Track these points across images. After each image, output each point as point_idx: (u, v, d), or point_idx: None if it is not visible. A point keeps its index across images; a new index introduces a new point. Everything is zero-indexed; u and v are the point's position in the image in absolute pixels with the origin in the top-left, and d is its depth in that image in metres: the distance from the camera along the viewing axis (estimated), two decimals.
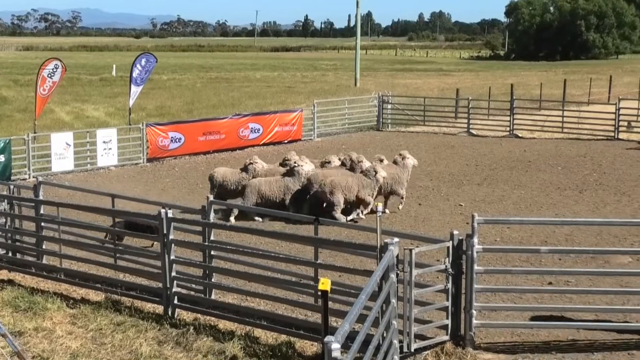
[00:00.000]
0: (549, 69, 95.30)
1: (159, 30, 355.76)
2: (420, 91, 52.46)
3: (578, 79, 62.61)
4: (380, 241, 9.11)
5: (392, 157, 19.51)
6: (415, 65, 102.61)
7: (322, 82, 66.51)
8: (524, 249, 11.20)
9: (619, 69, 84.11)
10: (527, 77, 72.91)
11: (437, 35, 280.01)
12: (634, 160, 24.67)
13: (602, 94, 45.53)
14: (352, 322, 6.39)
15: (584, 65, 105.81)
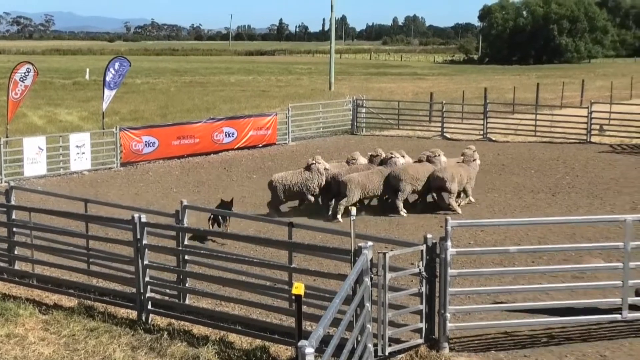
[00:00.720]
0: (522, 72, 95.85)
1: (133, 33, 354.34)
2: (395, 95, 52.61)
3: (551, 82, 62.96)
4: (354, 245, 9.11)
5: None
6: (389, 69, 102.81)
7: (296, 86, 66.49)
8: (493, 250, 11.26)
9: (591, 73, 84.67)
10: (500, 81, 73.20)
11: (411, 39, 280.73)
12: (605, 164, 24.81)
13: (574, 98, 45.80)
14: (326, 326, 6.39)
15: (556, 69, 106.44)
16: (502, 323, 10.37)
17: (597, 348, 9.71)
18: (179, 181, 23.50)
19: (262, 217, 14.39)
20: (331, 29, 63.69)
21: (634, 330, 10.43)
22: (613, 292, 10.60)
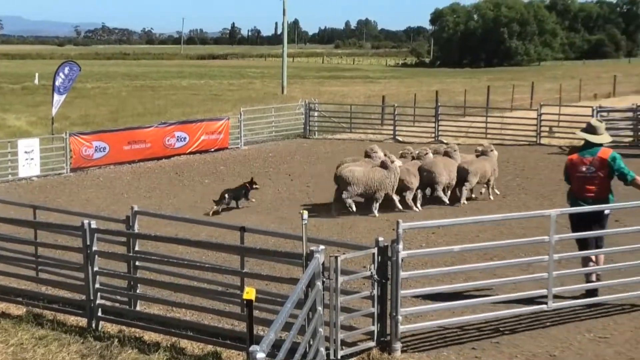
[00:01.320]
0: (473, 75, 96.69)
1: (83, 38, 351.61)
2: (347, 98, 52.75)
3: (501, 85, 63.56)
4: (306, 249, 9.10)
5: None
6: (341, 73, 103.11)
7: (249, 90, 66.42)
8: (438, 250, 11.32)
9: (540, 76, 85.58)
10: (451, 84, 73.76)
11: (363, 43, 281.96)
12: (555, 165, 25.04)
13: (524, 100, 46.30)
14: (277, 331, 6.36)
15: (507, 72, 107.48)
16: (451, 321, 10.46)
17: (547, 348, 9.79)
18: (130, 186, 23.32)
19: (214, 222, 14.31)
20: (284, 32, 63.71)
21: (560, 318, 10.84)
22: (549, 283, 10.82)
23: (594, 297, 11.24)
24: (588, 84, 61.08)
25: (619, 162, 11.69)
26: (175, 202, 20.71)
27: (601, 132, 11.93)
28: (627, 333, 10.22)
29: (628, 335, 10.15)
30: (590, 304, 11.16)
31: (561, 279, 11.19)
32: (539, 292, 10.73)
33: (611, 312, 11.11)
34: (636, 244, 11.57)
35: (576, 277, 11.72)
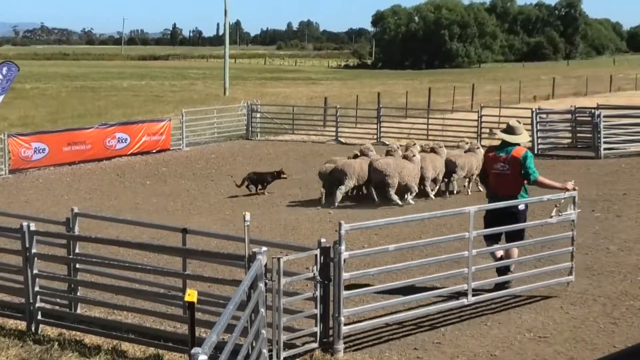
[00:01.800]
0: (415, 77, 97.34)
1: (22, 38, 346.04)
2: (289, 100, 52.75)
3: (442, 87, 64.10)
4: (248, 250, 9.08)
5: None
6: (284, 74, 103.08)
7: (191, 91, 66.10)
8: (375, 250, 11.37)
9: (481, 78, 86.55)
10: (393, 86, 74.19)
11: (305, 44, 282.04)
12: None
13: (465, 102, 46.78)
14: (219, 333, 6.34)
15: (448, 74, 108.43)
16: (391, 318, 10.58)
17: (488, 347, 9.89)
18: (70, 188, 23.06)
19: (156, 224, 14.20)
20: (225, 33, 63.53)
21: (479, 312, 11.23)
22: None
23: (505, 290, 11.69)
24: (528, 86, 61.85)
25: (529, 161, 12.07)
26: (117, 204, 20.52)
27: (519, 133, 12.41)
28: (566, 332, 10.37)
29: (567, 334, 10.30)
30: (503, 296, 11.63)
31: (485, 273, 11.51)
32: (460, 287, 11.11)
33: (524, 303, 11.55)
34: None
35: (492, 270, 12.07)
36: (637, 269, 13.18)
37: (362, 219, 17.82)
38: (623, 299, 11.66)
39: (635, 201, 19.14)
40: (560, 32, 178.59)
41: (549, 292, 12.00)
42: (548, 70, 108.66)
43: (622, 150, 27.22)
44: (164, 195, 21.62)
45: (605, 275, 12.90)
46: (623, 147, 27.23)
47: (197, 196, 21.10)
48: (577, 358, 9.50)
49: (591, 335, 10.28)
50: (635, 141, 27.53)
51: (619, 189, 20.97)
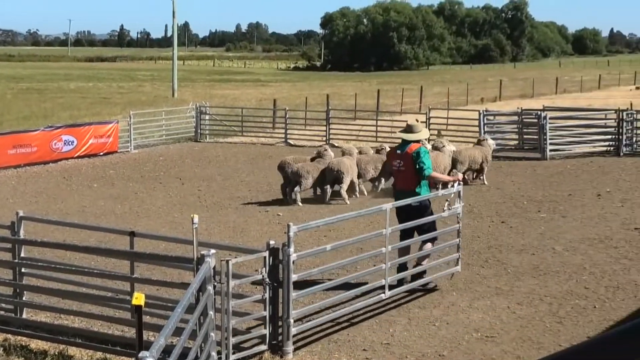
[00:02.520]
0: (364, 79, 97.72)
1: None
2: (238, 102, 52.68)
3: (391, 89, 64.44)
4: (196, 253, 9.04)
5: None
6: (233, 76, 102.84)
7: (139, 93, 65.66)
8: (315, 251, 11.33)
9: (429, 80, 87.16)
10: (342, 88, 74.41)
11: (254, 46, 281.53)
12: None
13: (413, 104, 47.04)
14: (167, 336, 6.31)
15: (396, 76, 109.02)
16: (334, 314, 10.73)
17: (436, 348, 9.96)
18: (15, 191, 22.76)
19: (103, 227, 14.08)
20: (174, 35, 63.22)
21: (395, 304, 11.64)
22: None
23: (416, 281, 12.10)
24: (475, 88, 62.36)
25: (422, 157, 12.42)
26: (63, 207, 20.31)
27: (417, 131, 12.93)
28: (513, 332, 10.48)
29: (514, 334, 10.41)
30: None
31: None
32: (380, 282, 11.35)
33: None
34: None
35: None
36: (582, 269, 13.36)
37: (311, 220, 17.85)
38: (568, 298, 11.82)
39: (580, 202, 19.41)
40: (507, 35, 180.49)
41: (496, 292, 12.14)
42: (495, 73, 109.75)
43: (567, 151, 27.58)
44: (112, 198, 21.44)
45: (551, 275, 13.06)
46: (568, 148, 27.60)
47: (145, 199, 20.97)
48: (523, 357, 9.60)
49: (537, 334, 10.41)
50: (580, 142, 27.92)
51: (564, 189, 21.24)
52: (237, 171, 25.78)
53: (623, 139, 28.03)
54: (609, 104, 44.49)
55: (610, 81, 79.56)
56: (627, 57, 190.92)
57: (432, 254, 12.83)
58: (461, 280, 12.84)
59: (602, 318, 10.96)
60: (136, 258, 10.65)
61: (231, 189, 22.36)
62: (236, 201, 20.68)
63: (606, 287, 12.36)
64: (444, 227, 13.36)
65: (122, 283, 10.98)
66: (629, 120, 28.50)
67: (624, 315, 11.05)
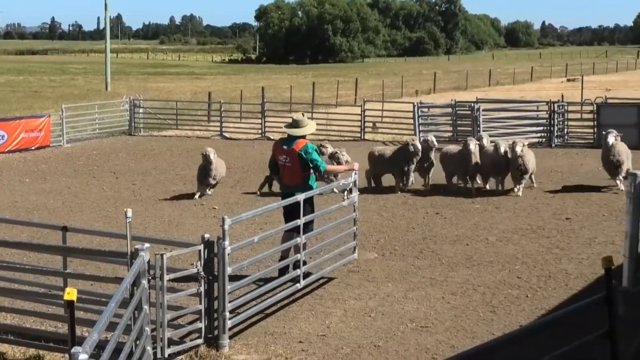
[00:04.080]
0: (299, 72, 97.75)
1: None
2: (173, 95, 52.39)
3: (326, 82, 64.60)
4: (130, 247, 8.97)
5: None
6: (167, 69, 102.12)
7: (71, 87, 64.83)
8: (245, 242, 11.32)
9: (364, 72, 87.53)
10: (278, 80, 74.36)
11: (189, 39, 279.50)
12: None
13: (349, 96, 47.23)
14: (101, 331, 6.25)
15: (331, 68, 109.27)
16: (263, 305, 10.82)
17: (371, 339, 10.02)
18: None
19: (35, 222, 13.88)
20: (106, 27, 62.44)
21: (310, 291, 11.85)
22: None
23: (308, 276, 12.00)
24: (410, 81, 62.80)
25: (312, 154, 12.40)
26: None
27: (303, 125, 12.80)
28: (447, 322, 10.59)
29: (448, 323, 10.53)
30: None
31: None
32: (296, 273, 11.58)
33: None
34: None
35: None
36: (515, 259, 13.56)
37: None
38: (501, 288, 11.98)
39: (512, 192, 19.64)
40: (441, 28, 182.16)
41: (431, 282, 12.26)
42: (429, 65, 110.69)
43: None
44: (44, 192, 21.13)
45: (485, 265, 13.23)
46: (501, 139, 27.92)
47: (78, 193, 20.71)
48: (458, 346, 9.71)
49: (471, 323, 10.54)
50: (513, 134, 28.26)
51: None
52: (172, 165, 25.60)
53: (555, 131, 28.50)
54: (541, 96, 45.15)
55: (542, 73, 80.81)
56: (558, 50, 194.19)
57: (331, 244, 12.84)
58: (396, 271, 12.94)
59: (534, 307, 11.14)
60: (69, 253, 10.53)
61: (166, 183, 22.21)
62: (171, 195, 20.54)
63: (538, 276, 12.56)
64: (343, 216, 13.41)
65: (55, 278, 10.85)
66: (560, 112, 28.99)
67: (555, 304, 11.25)
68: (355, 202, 12.77)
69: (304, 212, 11.63)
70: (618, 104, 31.03)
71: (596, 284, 11.66)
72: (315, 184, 12.64)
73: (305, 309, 11.20)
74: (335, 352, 9.67)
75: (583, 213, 16.90)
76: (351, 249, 13.00)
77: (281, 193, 12.77)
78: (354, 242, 12.99)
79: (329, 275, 12.53)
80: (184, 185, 21.93)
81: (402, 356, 9.52)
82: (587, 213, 17.01)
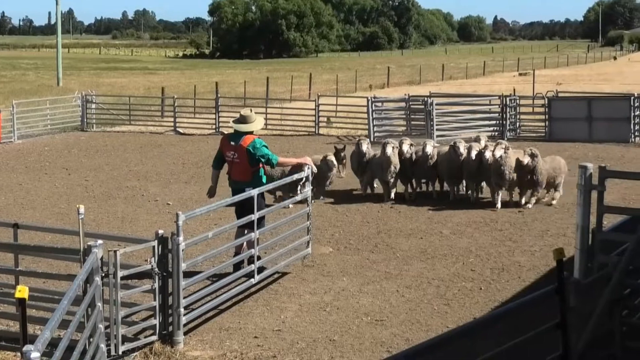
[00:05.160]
0: (253, 67, 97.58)
1: None
2: (126, 90, 52.00)
3: (280, 76, 64.51)
4: (83, 244, 8.90)
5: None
6: (120, 64, 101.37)
7: (22, 82, 64.08)
8: (199, 239, 11.23)
9: (318, 67, 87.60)
10: (232, 75, 74.15)
11: (141, 34, 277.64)
12: None
13: (303, 91, 47.24)
14: (53, 329, 6.18)
15: (286, 63, 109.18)
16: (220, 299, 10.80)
17: (327, 333, 10.03)
18: None
19: None
20: (57, 22, 61.82)
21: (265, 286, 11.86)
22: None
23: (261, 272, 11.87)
24: (364, 75, 63.00)
25: (261, 149, 12.29)
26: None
27: (251, 121, 12.57)
28: (402, 315, 10.64)
29: (403, 317, 10.58)
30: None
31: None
32: (250, 268, 11.50)
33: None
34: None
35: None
36: (469, 252, 13.66)
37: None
38: (455, 281, 12.07)
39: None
40: (394, 23, 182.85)
41: (385, 276, 12.31)
42: (383, 60, 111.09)
43: (454, 137, 27.97)
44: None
45: (439, 259, 13.31)
46: (455, 133, 28.07)
47: (30, 190, 20.48)
48: (412, 339, 9.76)
49: (426, 316, 10.60)
50: (465, 128, 28.46)
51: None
52: (125, 160, 25.40)
53: (507, 124, 28.74)
54: (493, 90, 45.44)
55: (495, 68, 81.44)
56: (510, 44, 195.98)
57: (286, 239, 12.80)
58: (351, 265, 12.98)
59: (487, 299, 11.23)
60: (20, 250, 10.40)
61: (120, 179, 22.03)
62: (125, 191, 20.38)
63: (491, 269, 12.67)
64: (297, 211, 13.43)
65: (6, 276, 10.71)
66: (513, 105, 29.25)
67: (508, 296, 11.36)
68: (308, 196, 12.76)
69: (249, 209, 11.56)
70: (569, 98, 31.42)
71: (548, 276, 11.77)
72: (265, 179, 12.57)
73: (260, 304, 11.20)
74: (290, 347, 9.68)
75: (535, 206, 17.05)
76: (305, 244, 12.99)
77: (231, 189, 12.62)
78: (307, 237, 12.97)
79: (284, 270, 12.53)
80: (137, 181, 21.77)
81: (357, 350, 9.55)
82: (539, 205, 17.18)
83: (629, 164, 22.82)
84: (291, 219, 12.97)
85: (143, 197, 19.43)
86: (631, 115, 27.04)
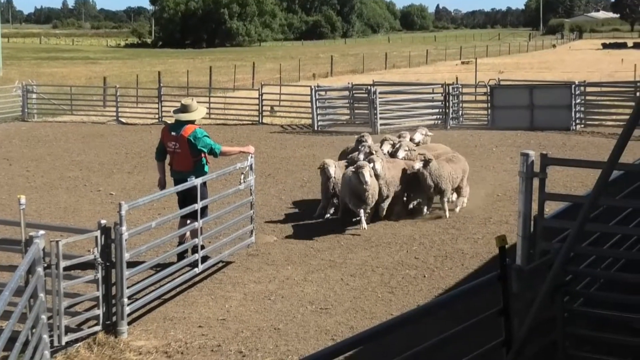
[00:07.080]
0: (196, 56, 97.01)
1: None
2: (67, 80, 51.37)
3: (224, 66, 64.25)
4: (25, 235, 8.82)
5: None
6: (61, 54, 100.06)
7: None
8: (142, 228, 11.15)
9: (261, 56, 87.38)
10: (174, 65, 73.66)
11: (82, 23, 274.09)
12: (277, 144, 25.70)
13: (246, 80, 47.13)
14: None
15: (229, 52, 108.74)
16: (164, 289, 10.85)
17: (272, 322, 10.06)
18: None
19: None
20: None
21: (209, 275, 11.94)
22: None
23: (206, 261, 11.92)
24: (307, 64, 63.02)
25: (203, 139, 12.24)
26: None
27: (192, 110, 12.51)
28: (346, 303, 10.71)
29: (347, 305, 10.64)
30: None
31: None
32: (194, 257, 11.57)
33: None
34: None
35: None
36: (413, 239, 13.78)
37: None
38: (399, 269, 12.17)
39: None
40: (337, 11, 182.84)
41: (330, 265, 12.37)
42: (326, 49, 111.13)
43: (397, 125, 28.17)
44: None
45: (383, 247, 13.40)
46: (398, 122, 28.24)
47: None
48: (357, 327, 9.82)
49: (370, 304, 10.68)
50: (409, 116, 28.63)
51: None
52: (67, 151, 25.13)
53: (450, 113, 28.95)
54: (436, 78, 45.79)
55: (437, 56, 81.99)
56: (452, 33, 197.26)
57: (229, 228, 12.82)
58: (295, 254, 13.02)
59: (431, 287, 11.35)
60: None
61: (62, 169, 21.80)
62: (67, 181, 20.17)
63: (435, 256, 12.80)
64: (241, 200, 13.40)
65: None
66: (455, 94, 29.47)
67: (452, 283, 11.49)
68: (251, 185, 12.74)
69: (192, 199, 11.56)
70: (511, 86, 31.72)
71: (491, 263, 11.93)
72: (207, 168, 12.51)
73: (204, 293, 11.19)
74: (235, 336, 9.69)
75: (478, 193, 17.23)
76: (249, 233, 12.98)
77: (173, 179, 12.52)
78: (251, 226, 12.98)
79: (228, 259, 12.53)
80: (80, 171, 21.55)
81: (302, 338, 9.60)
82: (481, 193, 17.37)
83: (570, 151, 23.16)
84: (234, 208, 12.93)
85: (85, 187, 19.26)
86: (572, 103, 27.42)
